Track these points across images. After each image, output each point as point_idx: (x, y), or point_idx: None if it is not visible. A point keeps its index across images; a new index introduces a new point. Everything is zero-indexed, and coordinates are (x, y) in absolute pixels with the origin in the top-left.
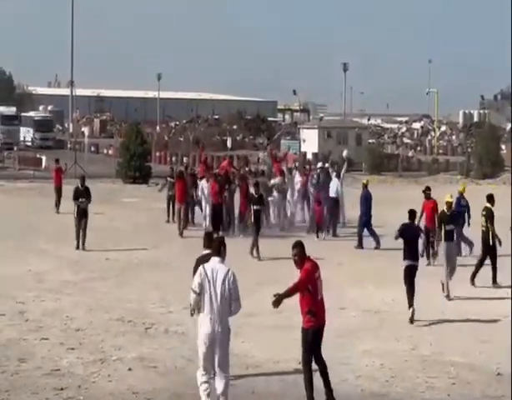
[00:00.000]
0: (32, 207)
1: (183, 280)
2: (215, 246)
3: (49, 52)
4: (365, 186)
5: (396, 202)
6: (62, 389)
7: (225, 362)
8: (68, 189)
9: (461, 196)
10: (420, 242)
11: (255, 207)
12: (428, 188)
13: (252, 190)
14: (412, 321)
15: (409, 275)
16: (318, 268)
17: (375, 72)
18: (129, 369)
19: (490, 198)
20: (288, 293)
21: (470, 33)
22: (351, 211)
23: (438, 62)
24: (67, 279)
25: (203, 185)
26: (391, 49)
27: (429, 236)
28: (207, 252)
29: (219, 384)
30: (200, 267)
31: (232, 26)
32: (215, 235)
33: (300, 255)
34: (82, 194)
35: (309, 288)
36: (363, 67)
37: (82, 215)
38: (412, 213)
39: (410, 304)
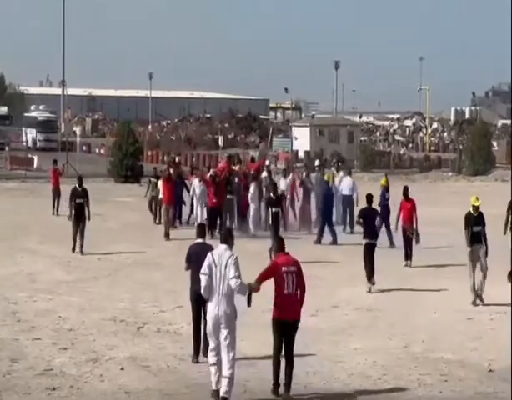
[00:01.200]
0: (24, 207)
1: (175, 279)
2: (223, 234)
3: (41, 51)
4: (327, 182)
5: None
6: (54, 389)
7: (231, 341)
8: (62, 189)
9: (385, 189)
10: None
11: (274, 209)
12: (406, 188)
13: (251, 188)
14: (370, 290)
15: (368, 252)
16: (293, 264)
17: (367, 69)
18: (121, 369)
19: None
20: (257, 280)
21: (462, 31)
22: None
23: (429, 60)
24: (60, 279)
25: (195, 185)
26: (383, 47)
27: (406, 236)
28: (199, 240)
29: (225, 366)
30: (209, 254)
31: (223, 24)
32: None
33: (276, 250)
34: (80, 195)
35: (277, 280)
36: (355, 65)
37: (79, 217)
38: (369, 197)
39: (369, 278)
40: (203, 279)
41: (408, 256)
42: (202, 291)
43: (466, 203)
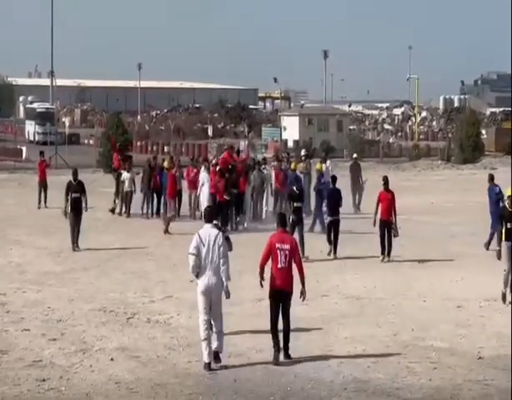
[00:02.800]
0: (12, 198)
1: (165, 269)
2: (207, 214)
3: (29, 42)
4: (293, 170)
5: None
6: (43, 380)
7: (219, 311)
8: (49, 181)
9: (321, 174)
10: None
11: (296, 204)
12: (386, 179)
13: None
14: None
15: (331, 228)
16: (286, 242)
17: (356, 58)
18: (111, 359)
19: None
20: (261, 263)
21: (451, 19)
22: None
23: (418, 49)
24: (49, 270)
25: (205, 177)
26: (371, 36)
27: (386, 230)
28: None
29: (215, 324)
30: (195, 234)
31: (213, 15)
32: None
33: (277, 225)
34: (76, 189)
35: (272, 256)
36: (344, 54)
37: (76, 212)
38: (333, 178)
39: (330, 251)
40: (191, 259)
41: (385, 251)
42: (190, 269)
43: (455, 191)
